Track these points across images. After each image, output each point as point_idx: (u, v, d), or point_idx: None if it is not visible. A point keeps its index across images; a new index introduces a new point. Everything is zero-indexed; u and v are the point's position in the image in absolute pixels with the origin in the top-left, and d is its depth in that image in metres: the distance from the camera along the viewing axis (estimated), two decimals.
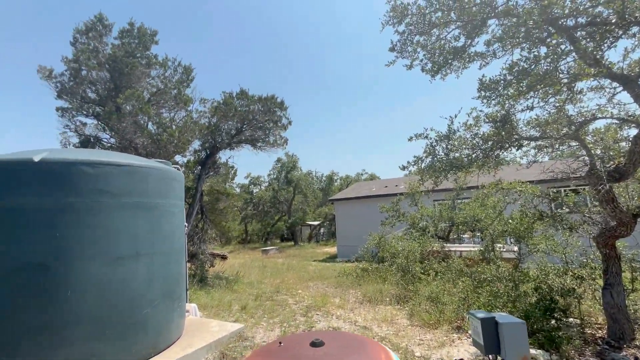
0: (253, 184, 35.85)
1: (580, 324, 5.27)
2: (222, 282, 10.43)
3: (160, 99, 8.89)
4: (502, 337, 2.22)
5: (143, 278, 4.58)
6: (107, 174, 4.38)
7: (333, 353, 1.41)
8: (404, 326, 6.01)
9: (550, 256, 6.63)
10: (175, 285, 5.17)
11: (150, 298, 4.61)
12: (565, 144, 5.12)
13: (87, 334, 4.01)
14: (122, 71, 8.34)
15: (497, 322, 2.27)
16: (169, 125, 9.04)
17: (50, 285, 3.91)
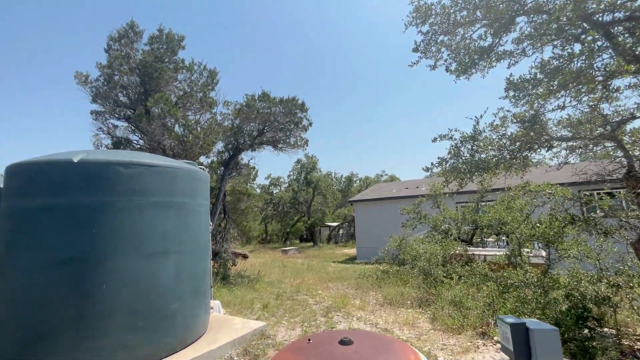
0: (273, 184, 36.32)
1: (616, 335, 4.99)
2: (244, 280, 10.64)
3: (187, 102, 9.21)
4: (533, 344, 2.16)
5: (172, 274, 4.77)
6: (139, 174, 4.60)
7: (363, 352, 1.43)
8: (426, 330, 5.91)
9: (583, 262, 6.31)
10: (201, 282, 5.34)
11: (179, 293, 4.80)
12: (600, 145, 4.89)
13: (120, 326, 4.22)
14: (151, 76, 8.73)
15: (528, 328, 2.21)
16: (195, 127, 9.35)
17: (87, 278, 4.15)
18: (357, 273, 11.38)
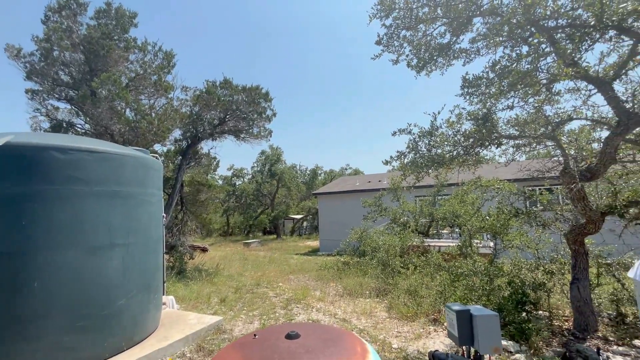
0: (236, 176, 35.35)
1: (548, 317, 5.50)
2: (202, 274, 10.26)
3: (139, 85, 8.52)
4: (475, 329, 2.27)
5: (118, 269, 4.43)
6: (79, 160, 4.17)
7: (309, 345, 1.39)
8: (383, 319, 6.10)
9: (524, 252, 6.88)
10: (151, 277, 5.03)
11: (126, 289, 4.47)
12: (542, 144, 5.29)
13: (58, 326, 3.85)
14: (97, 53, 7.92)
15: (471, 314, 2.32)
16: (148, 113, 8.70)
17: (17, 275, 3.71)
18: (319, 265, 11.47)
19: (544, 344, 4.64)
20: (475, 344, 2.27)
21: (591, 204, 4.49)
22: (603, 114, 4.34)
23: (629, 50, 3.51)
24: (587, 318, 4.81)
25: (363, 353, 1.37)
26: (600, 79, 3.64)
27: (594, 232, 4.60)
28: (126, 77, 8.67)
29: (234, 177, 35.19)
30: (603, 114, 4.34)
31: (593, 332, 4.81)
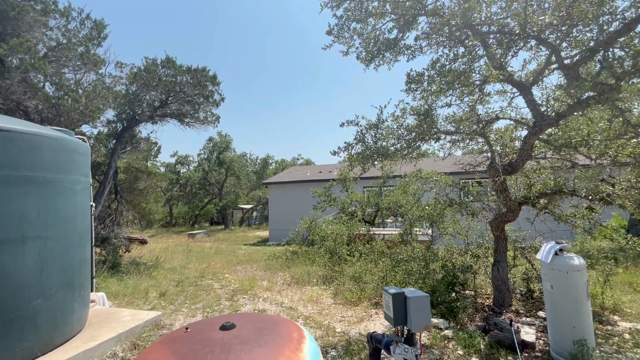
0: (180, 163, 33.23)
1: (474, 295, 6.15)
2: (139, 268, 9.54)
3: (62, 56, 7.40)
4: (409, 309, 2.44)
5: (32, 265, 3.90)
6: None
7: (243, 335, 1.35)
8: (328, 305, 6.28)
9: (456, 238, 7.57)
10: (76, 273, 4.53)
11: (42, 288, 3.97)
12: (474, 140, 5.79)
13: None
14: (5, 14, 6.65)
15: (406, 296, 2.48)
16: (74, 89, 7.66)
17: None
18: (268, 255, 11.38)
19: (469, 319, 5.19)
20: (408, 324, 2.45)
21: (511, 195, 5.06)
22: (524, 115, 4.90)
23: (545, 59, 3.98)
24: (504, 295, 5.47)
25: (299, 339, 1.38)
26: (522, 83, 4.08)
27: (512, 220, 5.21)
28: (45, 46, 7.48)
29: (177, 165, 33.06)
30: (524, 115, 4.90)
31: (508, 306, 5.49)
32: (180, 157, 33.08)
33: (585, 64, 3.70)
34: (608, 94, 3.03)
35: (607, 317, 5.16)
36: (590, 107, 3.61)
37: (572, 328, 3.82)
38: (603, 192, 4.49)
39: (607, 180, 4.66)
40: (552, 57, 3.75)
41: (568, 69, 3.48)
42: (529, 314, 5.34)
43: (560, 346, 3.93)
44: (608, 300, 5.49)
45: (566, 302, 3.89)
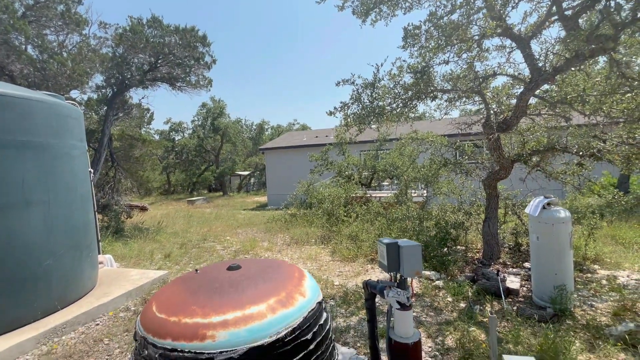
0: (174, 130, 32.74)
1: (465, 250, 6.47)
2: (143, 233, 9.81)
3: (42, 16, 6.97)
4: (401, 257, 2.60)
5: (39, 228, 4.03)
6: None
7: (249, 274, 1.48)
8: (326, 262, 6.60)
9: (450, 198, 7.79)
10: (82, 235, 4.68)
11: (52, 249, 4.13)
12: (471, 99, 5.75)
13: None
14: None
15: (399, 245, 2.63)
16: (58, 52, 7.33)
17: None
18: (267, 218, 11.67)
19: (459, 271, 5.51)
20: (401, 270, 2.62)
21: (505, 153, 5.15)
22: (521, 71, 4.84)
23: (546, 11, 3.86)
24: (493, 249, 5.77)
25: (300, 277, 1.52)
26: (521, 37, 3.99)
27: (505, 177, 5.35)
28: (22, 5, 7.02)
29: (172, 132, 32.59)
30: (521, 71, 4.84)
31: (496, 259, 5.81)
32: (174, 124, 32.53)
33: (586, 13, 3.60)
34: (604, 44, 2.99)
35: (588, 266, 5.51)
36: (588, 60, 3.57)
37: (554, 275, 4.10)
38: (594, 148, 4.58)
39: (599, 137, 4.73)
40: (553, 8, 3.64)
41: (568, 20, 3.40)
42: (515, 265, 5.67)
43: (542, 291, 4.25)
44: (590, 251, 5.82)
45: (550, 251, 4.13)
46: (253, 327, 1.17)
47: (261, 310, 1.23)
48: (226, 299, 1.28)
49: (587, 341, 3.36)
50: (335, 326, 3.97)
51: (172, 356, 1.12)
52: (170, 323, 1.19)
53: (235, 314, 1.20)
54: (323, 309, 1.51)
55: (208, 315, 1.19)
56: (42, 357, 3.46)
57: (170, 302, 1.30)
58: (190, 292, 1.35)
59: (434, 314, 4.19)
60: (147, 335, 1.21)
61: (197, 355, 1.11)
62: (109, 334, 3.94)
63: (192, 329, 1.15)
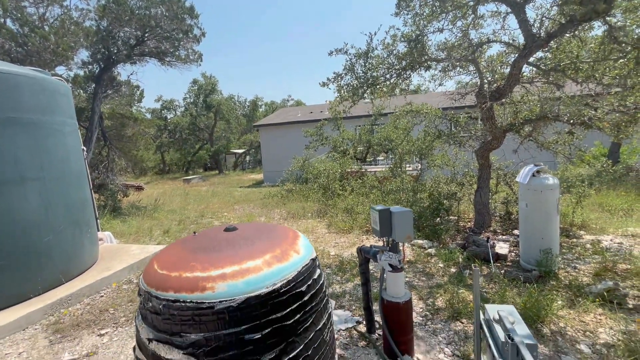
0: (166, 108, 32.07)
1: (457, 220, 6.64)
2: (140, 211, 9.88)
3: None
4: (393, 222, 2.70)
5: (36, 204, 4.06)
6: None
7: (245, 234, 1.55)
8: (323, 234, 6.76)
9: (444, 170, 7.88)
10: (80, 211, 4.73)
11: (51, 225, 4.19)
12: (465, 68, 5.69)
13: None
14: None
15: (391, 211, 2.72)
16: (39, 25, 7.03)
17: None
18: (263, 195, 11.76)
19: (451, 239, 5.69)
20: (392, 235, 2.73)
21: (497, 123, 5.18)
22: (515, 37, 4.77)
23: None
24: (484, 217, 5.93)
25: (294, 237, 1.59)
26: (516, 1, 3.91)
27: (497, 147, 5.41)
28: None
29: (164, 110, 31.93)
30: (515, 37, 4.77)
31: (487, 227, 6.00)
32: (166, 102, 31.82)
33: None
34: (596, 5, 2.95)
35: (574, 232, 5.71)
36: (581, 24, 3.54)
37: (541, 239, 4.27)
38: (585, 116, 4.62)
39: (590, 105, 4.76)
40: None
41: None
42: (505, 232, 5.86)
43: (529, 255, 4.44)
44: (578, 218, 6.01)
45: (538, 217, 4.28)
46: (250, 279, 1.25)
47: (257, 264, 1.31)
48: (224, 255, 1.35)
49: (569, 299, 3.57)
50: (332, 292, 4.16)
51: (175, 306, 1.21)
52: (171, 278, 1.26)
53: (233, 268, 1.27)
54: (317, 265, 1.59)
55: (207, 270, 1.26)
56: (50, 327, 3.61)
57: (171, 260, 1.37)
58: (189, 251, 1.42)
59: (426, 279, 4.38)
60: (150, 290, 1.29)
61: (198, 304, 1.19)
62: (114, 304, 4.09)
63: (193, 282, 1.23)
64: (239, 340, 1.21)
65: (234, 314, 1.20)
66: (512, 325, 1.45)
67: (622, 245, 4.99)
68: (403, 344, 2.75)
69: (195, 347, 1.21)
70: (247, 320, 1.22)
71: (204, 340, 1.20)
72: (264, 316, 1.25)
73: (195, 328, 1.20)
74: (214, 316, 1.19)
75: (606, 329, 3.06)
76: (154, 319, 1.27)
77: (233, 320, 1.21)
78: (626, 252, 4.68)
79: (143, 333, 1.31)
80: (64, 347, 3.30)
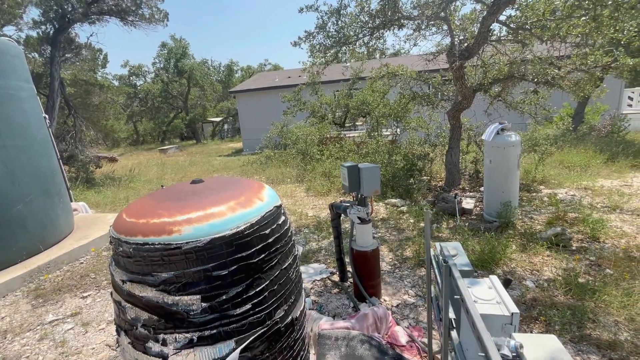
0: (134, 74, 30.15)
1: (429, 180, 6.94)
2: (115, 182, 9.65)
3: None
4: (361, 178, 2.84)
5: (1, 175, 3.92)
6: None
7: (211, 186, 1.63)
8: (301, 197, 6.92)
9: (419, 132, 8.06)
10: (49, 181, 4.62)
11: (20, 195, 4.10)
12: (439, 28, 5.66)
13: None
14: None
15: (359, 168, 2.85)
16: None
17: None
18: (242, 162, 11.69)
19: (422, 198, 6.00)
20: (361, 190, 2.88)
21: (467, 83, 5.29)
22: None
23: None
24: (454, 176, 6.24)
25: (260, 187, 1.68)
26: None
27: (467, 107, 5.57)
28: None
29: (132, 76, 30.04)
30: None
31: (457, 186, 6.33)
32: (133, 68, 29.84)
33: None
34: None
35: (535, 187, 6.13)
36: None
37: (501, 193, 4.59)
38: (549, 75, 4.80)
39: (554, 64, 4.92)
40: None
41: None
42: (473, 190, 6.22)
43: (491, 209, 4.78)
44: (539, 174, 6.43)
45: (499, 172, 4.56)
46: (215, 222, 1.35)
47: (221, 210, 1.40)
48: (190, 203, 1.43)
49: (522, 244, 3.94)
50: (309, 249, 4.38)
51: (144, 248, 1.30)
52: (139, 224, 1.34)
53: (198, 213, 1.36)
54: (282, 212, 1.70)
55: (173, 216, 1.34)
56: (31, 293, 3.67)
57: (138, 209, 1.44)
58: (156, 201, 1.49)
59: (397, 234, 4.67)
60: (119, 236, 1.37)
61: (166, 246, 1.29)
62: (95, 269, 4.16)
63: (160, 226, 1.31)
64: (207, 277, 1.34)
65: (201, 253, 1.31)
66: (453, 257, 1.65)
67: (575, 197, 5.44)
68: (371, 287, 3.02)
69: (166, 284, 1.32)
70: (214, 259, 1.34)
71: (175, 278, 1.31)
72: (230, 255, 1.37)
73: (165, 267, 1.31)
74: (182, 256, 1.29)
75: (550, 268, 3.44)
76: (126, 262, 1.36)
77: (200, 259, 1.32)
78: (577, 202, 5.12)
79: (117, 276, 1.41)
80: (47, 309, 3.39)
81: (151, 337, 1.37)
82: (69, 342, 2.85)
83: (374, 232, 4.70)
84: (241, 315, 1.41)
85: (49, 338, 2.92)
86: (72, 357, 2.67)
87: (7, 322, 3.20)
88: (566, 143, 8.70)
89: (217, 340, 1.37)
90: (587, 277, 3.19)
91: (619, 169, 6.75)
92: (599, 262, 3.46)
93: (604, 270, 3.28)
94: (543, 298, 2.91)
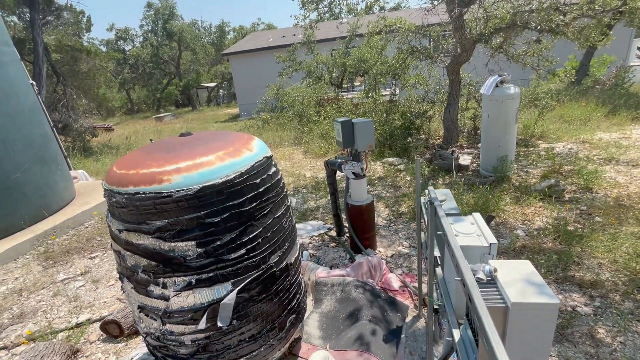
0: (122, 38, 28.75)
1: (427, 138, 6.89)
2: (112, 150, 9.62)
3: None
4: (355, 133, 2.82)
5: None
6: None
7: (201, 138, 1.63)
8: (299, 159, 6.93)
9: (417, 89, 7.84)
10: (43, 149, 4.60)
11: (16, 163, 4.11)
12: None
13: None
14: None
15: (352, 123, 2.82)
16: None
17: None
18: (239, 127, 11.54)
19: (420, 156, 5.99)
20: (355, 145, 2.88)
21: (467, 34, 5.06)
22: None
23: None
24: (452, 133, 6.18)
25: (249, 139, 1.68)
26: None
27: (466, 60, 5.37)
28: None
29: (119, 41, 28.68)
30: None
31: (455, 143, 6.29)
32: (120, 31, 28.38)
33: None
34: None
35: (533, 142, 6.10)
36: None
37: (498, 147, 4.57)
38: (553, 22, 4.56)
39: (560, 9, 4.66)
40: None
41: None
42: (470, 147, 6.19)
43: (487, 163, 4.79)
44: (538, 129, 6.36)
45: (497, 126, 4.51)
46: (204, 171, 1.37)
47: (210, 159, 1.41)
48: (179, 153, 1.44)
49: (516, 197, 4.01)
50: (307, 207, 4.47)
51: (136, 197, 1.33)
52: (129, 175, 1.36)
53: (187, 163, 1.37)
54: (272, 163, 1.72)
55: (162, 166, 1.36)
56: (41, 256, 3.81)
57: (128, 161, 1.45)
58: (146, 153, 1.50)
59: (393, 191, 4.74)
60: (112, 187, 1.39)
61: (157, 194, 1.32)
62: (100, 232, 4.28)
63: (150, 176, 1.33)
64: (201, 224, 1.38)
65: (192, 201, 1.34)
66: (442, 202, 1.68)
67: (572, 150, 5.43)
68: (366, 239, 3.12)
69: (161, 232, 1.37)
70: (206, 207, 1.37)
71: (169, 225, 1.36)
72: (221, 203, 1.40)
73: (158, 215, 1.34)
74: (173, 204, 1.33)
75: (542, 218, 3.53)
76: (121, 212, 1.40)
77: (192, 207, 1.35)
78: (574, 156, 5.12)
79: (114, 226, 1.46)
80: (57, 270, 3.54)
81: (152, 281, 1.45)
82: (82, 297, 3.02)
83: (371, 190, 4.76)
84: (236, 260, 1.47)
85: (62, 294, 3.09)
86: (85, 310, 2.84)
87: (21, 282, 3.36)
88: (568, 97, 8.50)
89: (215, 282, 1.45)
90: (576, 225, 3.28)
91: (620, 122, 6.66)
92: (589, 211, 3.54)
93: (594, 219, 3.37)
94: (532, 245, 3.02)
